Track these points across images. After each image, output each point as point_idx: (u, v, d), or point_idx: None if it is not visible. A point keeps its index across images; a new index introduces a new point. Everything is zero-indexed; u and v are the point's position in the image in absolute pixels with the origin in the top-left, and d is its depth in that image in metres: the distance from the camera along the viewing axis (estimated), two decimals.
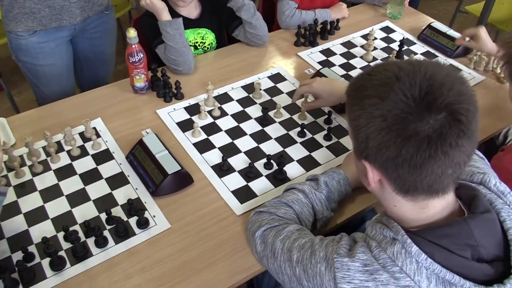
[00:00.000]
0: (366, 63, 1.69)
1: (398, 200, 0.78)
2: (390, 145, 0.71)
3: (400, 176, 0.73)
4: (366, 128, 0.73)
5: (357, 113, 0.75)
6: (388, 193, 0.79)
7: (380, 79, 0.74)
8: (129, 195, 1.15)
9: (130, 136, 1.32)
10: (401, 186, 0.75)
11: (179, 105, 1.44)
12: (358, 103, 0.75)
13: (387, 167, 0.74)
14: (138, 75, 1.42)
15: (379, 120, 0.72)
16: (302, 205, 1.02)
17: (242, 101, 1.48)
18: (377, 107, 0.72)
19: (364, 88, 0.75)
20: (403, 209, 0.79)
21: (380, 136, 0.72)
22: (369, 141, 0.73)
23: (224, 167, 1.23)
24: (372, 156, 0.74)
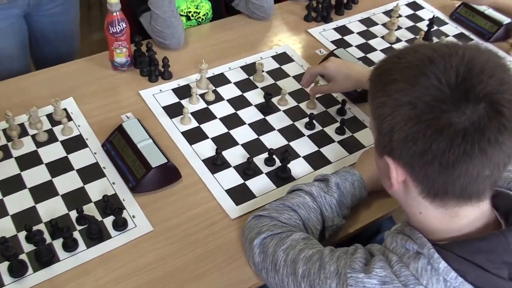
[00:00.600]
0: (388, 44, 1.68)
1: (425, 206, 0.78)
2: (419, 138, 0.71)
3: (428, 175, 0.73)
4: (391, 118, 0.73)
5: (381, 100, 0.75)
6: (413, 197, 0.79)
7: (410, 62, 0.74)
8: (104, 191, 1.14)
9: (108, 121, 1.31)
10: (429, 189, 0.75)
11: (166, 86, 1.44)
12: (383, 88, 0.76)
13: (413, 164, 0.74)
14: (119, 48, 1.41)
15: (406, 108, 0.72)
16: (309, 210, 1.02)
17: (241, 84, 1.47)
18: (405, 93, 0.72)
19: (391, 72, 0.76)
20: (430, 217, 0.79)
21: (407, 127, 0.72)
22: (394, 133, 0.73)
23: (217, 162, 1.23)
24: (397, 151, 0.75)
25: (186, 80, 1.46)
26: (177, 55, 1.54)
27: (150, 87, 1.43)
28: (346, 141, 1.33)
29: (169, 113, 1.35)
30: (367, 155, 1.18)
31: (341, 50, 1.52)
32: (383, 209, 1.17)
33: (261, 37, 1.66)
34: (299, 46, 1.65)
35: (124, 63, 1.45)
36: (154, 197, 1.15)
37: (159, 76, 1.46)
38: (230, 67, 1.53)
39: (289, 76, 1.52)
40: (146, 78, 1.45)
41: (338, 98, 1.45)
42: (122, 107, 1.36)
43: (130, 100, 1.38)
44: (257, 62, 1.50)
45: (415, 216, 0.81)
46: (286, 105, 1.41)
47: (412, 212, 0.81)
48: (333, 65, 1.33)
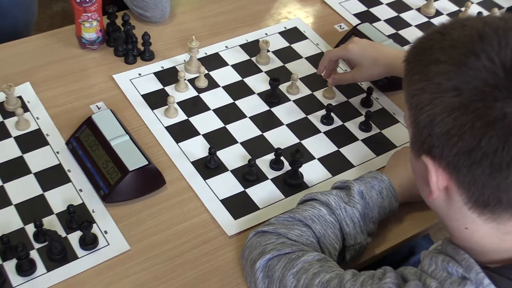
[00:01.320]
0: (426, 18, 1.69)
1: (472, 220, 0.78)
2: (465, 132, 0.71)
3: (476, 180, 0.73)
4: (431, 107, 0.74)
5: (419, 86, 0.76)
6: (457, 209, 0.79)
7: (456, 39, 0.75)
8: (69, 200, 1.14)
9: (74, 112, 1.31)
10: (477, 197, 0.75)
11: (147, 68, 1.44)
12: (421, 71, 0.76)
13: (458, 165, 0.74)
14: (88, 21, 1.41)
15: (450, 95, 0.72)
16: (325, 225, 1.02)
17: (241, 67, 1.47)
18: (449, 77, 0.73)
19: (432, 52, 0.76)
20: (479, 234, 0.79)
21: (450, 118, 0.72)
22: (434, 126, 0.74)
23: (211, 164, 1.23)
24: (437, 148, 0.75)
25: (171, 62, 1.46)
26: (160, 31, 1.54)
27: (126, 70, 1.43)
28: (373, 140, 1.33)
29: (151, 102, 1.35)
30: (399, 157, 1.18)
31: (366, 25, 1.52)
32: (419, 224, 1.17)
33: (266, 8, 1.66)
34: (314, 20, 1.65)
35: (94, 40, 1.45)
36: (131, 208, 1.15)
37: (138, 56, 1.46)
38: (227, 45, 1.53)
39: (301, 58, 1.52)
40: (121, 59, 1.45)
41: (362, 86, 1.45)
42: (92, 95, 1.36)
43: (102, 87, 1.38)
44: (261, 39, 1.50)
45: (460, 233, 0.81)
46: (297, 93, 1.42)
47: (456, 228, 0.81)
48: (357, 47, 1.33)
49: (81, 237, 1.08)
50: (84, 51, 1.47)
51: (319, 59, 1.44)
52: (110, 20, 1.48)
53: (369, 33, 1.48)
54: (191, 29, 1.56)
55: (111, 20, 1.48)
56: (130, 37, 1.44)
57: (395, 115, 1.38)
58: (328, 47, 1.55)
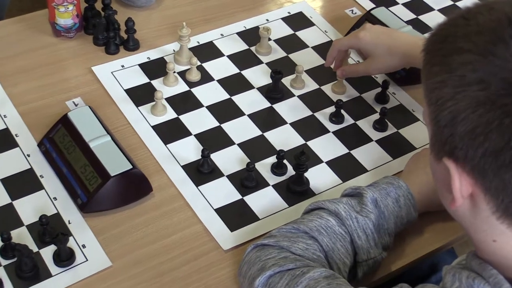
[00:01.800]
0: (451, 1, 1.69)
1: (501, 231, 0.79)
2: (492, 131, 0.72)
3: (506, 185, 0.74)
4: (453, 102, 0.74)
5: (439, 78, 0.76)
6: (484, 218, 0.79)
7: (482, 24, 0.75)
8: (42, 209, 1.15)
9: (47, 110, 1.32)
10: (506, 205, 0.76)
11: (131, 60, 1.45)
12: (442, 61, 0.77)
13: (484, 169, 0.74)
14: (63, 5, 1.42)
15: (476, 88, 0.72)
16: (334, 237, 1.03)
17: (238, 57, 1.48)
18: (474, 68, 0.73)
19: (454, 39, 0.76)
20: (509, 248, 0.80)
21: (475, 115, 0.72)
22: (457, 124, 0.74)
23: (204, 169, 1.24)
24: (461, 150, 0.75)
25: (159, 52, 1.47)
26: (146, 16, 1.55)
27: (107, 61, 1.44)
28: (389, 140, 1.34)
29: (135, 98, 1.36)
30: (419, 160, 1.19)
31: (382, 9, 1.53)
32: (441, 237, 1.18)
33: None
34: (322, 4, 1.66)
35: (70, 27, 1.46)
36: (113, 219, 1.16)
37: (121, 45, 1.47)
38: (222, 33, 1.54)
39: (307, 47, 1.53)
40: (102, 49, 1.46)
41: (377, 79, 1.46)
42: (68, 89, 1.37)
43: (79, 80, 1.39)
44: (262, 26, 1.51)
45: (487, 246, 0.82)
46: (302, 88, 1.43)
47: (482, 240, 0.82)
48: (369, 35, 1.33)
49: (56, 252, 1.09)
50: (58, 39, 1.47)
51: (327, 48, 1.45)
52: (88, 4, 1.49)
53: (385, 19, 1.49)
54: (182, 14, 1.56)
55: (89, 3, 1.49)
56: (111, 23, 1.45)
57: (415, 112, 1.40)
58: (337, 35, 1.56)
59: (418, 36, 1.42)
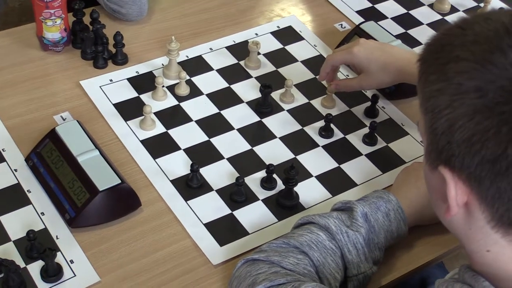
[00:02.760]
0: (439, 16, 1.71)
1: (495, 241, 0.79)
2: (489, 139, 0.72)
3: (502, 193, 0.74)
4: (450, 110, 0.75)
5: (436, 87, 0.77)
6: (479, 228, 0.79)
7: (479, 33, 0.76)
8: (29, 224, 1.15)
9: (35, 124, 1.32)
10: (502, 214, 0.76)
11: (119, 74, 1.45)
12: (439, 70, 0.77)
13: (481, 177, 0.75)
14: (50, 19, 1.42)
15: (473, 96, 0.73)
16: (324, 252, 1.04)
17: (227, 72, 1.49)
18: (471, 76, 0.74)
19: (451, 48, 0.77)
20: (503, 258, 0.80)
21: (472, 122, 0.73)
22: (454, 132, 0.75)
23: (193, 183, 1.24)
24: (457, 158, 0.76)
25: (148, 66, 1.48)
26: (135, 30, 1.55)
27: (96, 75, 1.44)
28: (378, 154, 1.35)
29: (124, 113, 1.37)
30: (408, 173, 1.19)
31: (371, 23, 1.55)
32: (431, 250, 1.18)
33: (255, 4, 1.68)
34: (311, 18, 1.67)
35: (58, 41, 1.46)
36: (101, 234, 1.16)
37: (109, 60, 1.47)
38: (211, 47, 1.55)
39: (297, 61, 1.54)
40: (90, 63, 1.47)
41: (367, 93, 1.47)
42: (56, 103, 1.37)
43: (67, 94, 1.39)
44: (251, 40, 1.52)
45: (481, 257, 0.82)
46: (292, 102, 1.43)
47: (476, 250, 0.82)
48: (364, 51, 1.34)
49: (43, 267, 1.08)
50: (46, 53, 1.48)
51: (316, 62, 1.46)
52: (76, 18, 1.49)
53: (374, 33, 1.50)
54: (170, 28, 1.57)
55: (77, 17, 1.49)
56: (100, 37, 1.46)
57: (404, 126, 1.41)
58: (327, 49, 1.57)
59: (411, 51, 1.43)
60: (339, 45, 1.53)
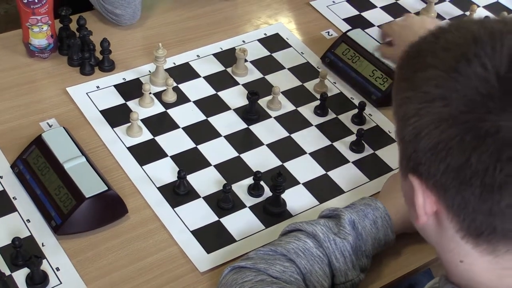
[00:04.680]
0: None
1: (467, 252, 0.79)
2: (453, 147, 0.72)
3: (466, 203, 0.74)
4: (417, 118, 0.75)
5: (405, 94, 0.77)
6: (449, 237, 0.80)
7: (450, 41, 0.76)
8: (15, 232, 1.14)
9: (21, 131, 1.32)
10: (469, 223, 0.76)
11: (106, 80, 1.45)
12: (409, 77, 0.78)
13: (446, 185, 0.75)
14: (37, 25, 1.42)
15: (438, 104, 0.73)
16: (312, 260, 1.04)
17: (215, 79, 1.49)
18: (437, 84, 0.74)
19: (423, 55, 0.77)
20: (476, 269, 0.80)
21: (438, 130, 0.73)
22: (420, 140, 0.75)
23: (180, 190, 1.24)
24: (424, 166, 0.76)
25: (135, 73, 1.48)
26: (122, 37, 1.56)
27: (82, 82, 1.44)
28: (365, 162, 1.35)
29: (111, 119, 1.37)
30: (395, 180, 1.19)
31: (358, 31, 1.56)
32: (418, 257, 1.19)
33: (243, 12, 1.69)
34: (298, 26, 1.68)
35: (44, 47, 1.46)
36: (88, 242, 1.15)
37: (96, 66, 1.47)
38: (198, 54, 1.55)
39: (284, 68, 1.54)
40: (77, 69, 1.46)
41: (354, 101, 1.48)
42: (42, 110, 1.37)
43: (54, 101, 1.39)
44: (238, 47, 1.52)
45: (455, 267, 0.82)
46: (279, 109, 1.44)
47: (450, 260, 0.82)
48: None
49: (29, 275, 1.08)
50: (32, 60, 1.48)
51: (303, 69, 1.47)
52: (63, 24, 1.49)
53: (361, 40, 1.52)
54: (157, 35, 1.57)
55: (64, 24, 1.49)
56: (86, 44, 1.46)
57: (391, 134, 1.41)
58: (314, 56, 1.58)
59: None
60: (326, 52, 1.54)
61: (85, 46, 1.46)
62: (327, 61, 1.53)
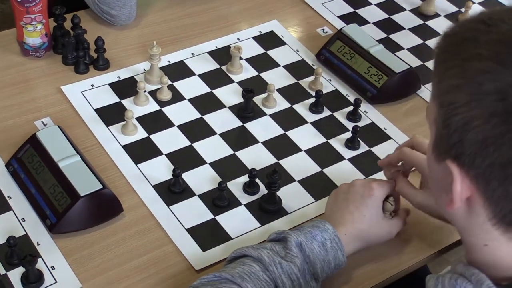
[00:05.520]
0: (421, 21, 1.73)
1: (494, 237, 0.80)
2: (504, 143, 0.73)
3: (508, 196, 0.75)
4: (466, 109, 0.75)
5: (454, 82, 0.77)
6: (479, 223, 0.81)
7: (504, 33, 0.76)
8: (10, 231, 1.14)
9: (15, 130, 1.32)
10: (504, 214, 0.77)
11: (101, 79, 1.45)
12: (459, 65, 0.77)
13: (490, 178, 0.75)
14: (31, 24, 1.42)
15: (492, 98, 0.73)
16: (258, 284, 1.00)
17: (210, 77, 1.49)
18: (492, 77, 0.74)
19: (474, 44, 0.77)
20: (500, 253, 0.81)
21: (489, 125, 0.73)
22: (468, 131, 0.75)
23: (176, 188, 1.24)
24: (468, 156, 0.76)
25: (129, 71, 1.48)
26: (117, 35, 1.56)
27: (77, 80, 1.44)
28: (361, 158, 1.35)
29: (105, 118, 1.37)
30: (337, 198, 1.14)
31: (353, 26, 1.56)
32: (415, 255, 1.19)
33: (238, 10, 1.69)
34: (293, 23, 1.68)
35: (39, 46, 1.46)
36: (83, 240, 1.15)
37: (91, 65, 1.47)
38: (193, 52, 1.55)
39: (279, 66, 1.54)
40: (71, 68, 1.46)
41: (349, 98, 1.48)
42: (37, 109, 1.37)
43: (48, 100, 1.39)
44: (233, 45, 1.52)
45: (478, 250, 0.83)
46: (274, 107, 1.44)
47: (474, 243, 0.84)
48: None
49: (24, 274, 1.08)
50: (27, 58, 1.47)
51: (298, 67, 1.47)
52: (57, 23, 1.49)
53: (356, 36, 1.52)
54: (152, 33, 1.58)
55: (58, 23, 1.49)
56: (81, 42, 1.45)
57: (386, 131, 1.42)
58: (309, 53, 1.58)
59: (389, 55, 1.44)
60: (320, 49, 1.54)
61: (80, 44, 1.46)
62: (322, 59, 1.53)
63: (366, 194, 1.10)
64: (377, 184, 1.12)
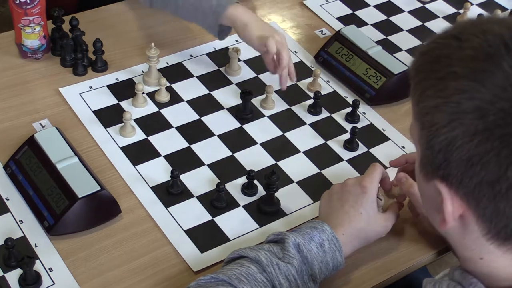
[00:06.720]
0: (420, 22, 1.73)
1: (489, 251, 0.80)
2: (489, 161, 0.72)
3: (500, 212, 0.75)
4: (448, 130, 0.74)
5: (432, 103, 0.76)
6: (473, 239, 0.80)
7: (478, 48, 0.74)
8: (7, 232, 1.14)
9: (13, 131, 1.32)
10: (499, 229, 0.77)
11: (99, 81, 1.45)
12: (435, 85, 0.76)
13: (479, 196, 0.75)
14: (29, 26, 1.42)
15: (472, 117, 0.72)
16: (255, 285, 0.99)
17: (208, 78, 1.49)
18: (470, 96, 0.73)
19: (448, 62, 0.76)
20: (496, 265, 0.81)
21: (472, 144, 0.73)
22: (452, 151, 0.74)
23: (174, 190, 1.24)
24: (455, 177, 0.76)
25: (128, 73, 1.48)
26: (115, 37, 1.56)
27: (75, 82, 1.44)
28: (359, 160, 1.35)
29: (104, 119, 1.37)
30: (331, 199, 1.14)
31: (352, 28, 1.56)
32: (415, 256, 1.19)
33: None
34: (292, 25, 1.68)
35: (37, 48, 1.46)
36: (81, 242, 1.15)
37: (89, 67, 1.47)
38: (191, 54, 1.55)
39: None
40: (70, 70, 1.46)
41: (347, 99, 1.48)
42: (35, 111, 1.37)
43: (47, 102, 1.39)
44: (231, 47, 1.52)
45: (474, 263, 0.83)
46: (272, 108, 1.44)
47: (470, 257, 0.83)
48: None
49: (21, 275, 1.08)
50: (25, 60, 1.47)
51: (297, 68, 1.46)
52: (55, 25, 1.49)
53: (355, 37, 1.52)
54: (150, 35, 1.57)
55: (57, 25, 1.49)
56: (79, 44, 1.45)
57: (385, 132, 1.41)
58: (307, 55, 1.58)
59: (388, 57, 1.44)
60: (319, 51, 1.54)
61: (78, 46, 1.46)
62: (320, 60, 1.53)
63: (360, 192, 1.10)
64: (369, 180, 1.11)
